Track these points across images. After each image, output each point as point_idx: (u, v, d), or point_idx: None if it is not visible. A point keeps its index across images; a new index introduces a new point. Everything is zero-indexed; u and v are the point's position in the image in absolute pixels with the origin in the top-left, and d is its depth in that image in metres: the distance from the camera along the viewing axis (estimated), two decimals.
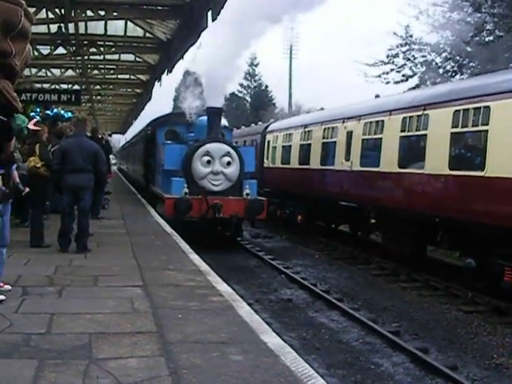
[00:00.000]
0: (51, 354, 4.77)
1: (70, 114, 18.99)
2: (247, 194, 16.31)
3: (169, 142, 18.32)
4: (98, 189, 11.79)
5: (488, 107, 10.88)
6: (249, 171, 17.21)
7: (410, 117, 13.56)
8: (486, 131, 10.88)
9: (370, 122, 15.55)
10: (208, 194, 15.80)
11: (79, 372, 4.40)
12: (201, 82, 17.22)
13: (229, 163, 16.23)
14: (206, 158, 16.07)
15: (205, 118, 16.89)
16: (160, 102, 27.65)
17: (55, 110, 17.24)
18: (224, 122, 18.36)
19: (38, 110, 17.77)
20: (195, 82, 17.84)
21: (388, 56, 26.67)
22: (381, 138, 14.86)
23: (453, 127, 11.86)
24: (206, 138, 16.45)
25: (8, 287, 6.93)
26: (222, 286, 7.80)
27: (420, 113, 13.13)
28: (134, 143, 33.70)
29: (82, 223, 10.30)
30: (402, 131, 13.84)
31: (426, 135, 12.85)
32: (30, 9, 1.88)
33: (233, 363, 4.73)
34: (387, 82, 27.11)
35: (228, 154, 16.27)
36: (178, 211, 15.34)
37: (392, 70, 26.81)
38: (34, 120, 6.48)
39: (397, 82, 26.84)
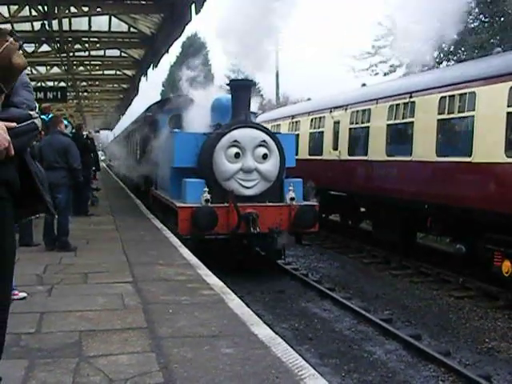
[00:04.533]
0: (41, 353, 4.76)
1: (66, 122, 18.88)
2: (292, 199, 12.13)
3: (177, 130, 13.55)
4: (78, 186, 11.69)
5: (473, 93, 10.91)
6: (290, 166, 12.97)
7: (397, 104, 13.57)
8: (473, 117, 10.91)
9: (357, 111, 15.55)
10: (238, 200, 11.61)
11: (69, 370, 4.39)
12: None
13: (265, 156, 11.96)
14: (234, 150, 11.85)
15: (225, 96, 13.04)
16: (147, 97, 27.30)
17: (51, 115, 17.08)
18: None
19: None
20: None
21: (374, 47, 26.67)
22: (368, 127, 14.87)
23: (439, 114, 11.90)
24: (231, 123, 12.19)
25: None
26: (213, 280, 7.80)
27: (406, 100, 13.14)
28: (129, 134, 27.35)
29: (58, 221, 10.29)
30: (389, 119, 13.84)
31: (412, 122, 12.88)
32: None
33: (224, 356, 4.73)
34: (376, 74, 27.11)
35: (264, 143, 12.00)
36: (197, 226, 11.31)
37: (381, 62, 26.81)
38: None
39: (386, 74, 26.82)
